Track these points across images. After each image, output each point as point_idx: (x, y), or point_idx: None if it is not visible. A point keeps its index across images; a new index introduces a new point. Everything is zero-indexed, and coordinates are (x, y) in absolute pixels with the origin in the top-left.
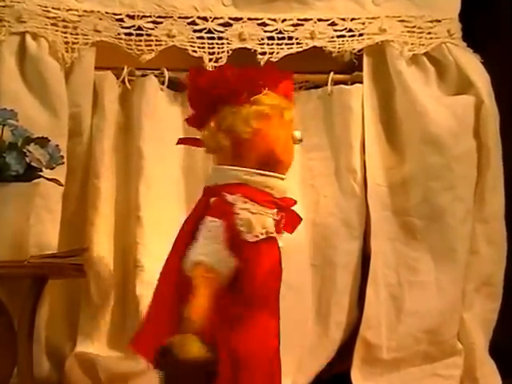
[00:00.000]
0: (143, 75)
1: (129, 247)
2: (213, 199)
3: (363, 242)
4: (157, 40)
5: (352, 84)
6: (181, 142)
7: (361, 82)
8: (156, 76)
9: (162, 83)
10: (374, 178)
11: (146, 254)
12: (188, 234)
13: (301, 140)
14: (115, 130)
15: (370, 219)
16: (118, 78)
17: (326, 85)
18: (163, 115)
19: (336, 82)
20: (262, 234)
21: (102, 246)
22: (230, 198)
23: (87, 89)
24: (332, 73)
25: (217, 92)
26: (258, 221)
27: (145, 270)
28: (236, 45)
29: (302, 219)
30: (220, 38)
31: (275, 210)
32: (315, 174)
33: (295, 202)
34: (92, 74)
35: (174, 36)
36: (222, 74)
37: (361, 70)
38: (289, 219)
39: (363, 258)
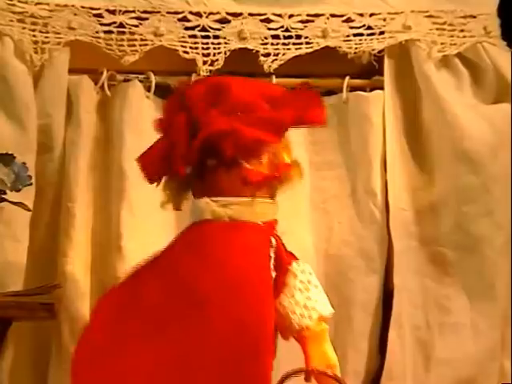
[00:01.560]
0: (126, 80)
1: (109, 283)
2: (273, 239)
3: (384, 277)
4: (142, 39)
5: (371, 90)
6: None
7: (381, 88)
8: (141, 81)
9: (148, 89)
10: (397, 201)
11: None
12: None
13: None
14: (93, 145)
15: (393, 250)
16: (95, 84)
17: (341, 91)
18: (149, 127)
19: (352, 88)
20: None
21: (77, 282)
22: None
23: (60, 96)
24: (348, 77)
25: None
26: None
27: None
28: (235, 45)
29: None
30: (216, 37)
31: None
32: (328, 196)
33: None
34: (65, 78)
35: (161, 34)
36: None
37: (381, 74)
38: None
39: (384, 295)
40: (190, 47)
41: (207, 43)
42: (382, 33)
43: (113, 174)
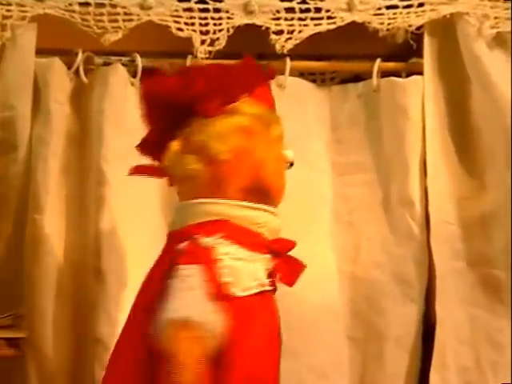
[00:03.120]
0: (106, 63)
1: (85, 313)
2: (183, 244)
3: (424, 306)
4: (125, 13)
5: (407, 76)
6: (134, 171)
7: (420, 73)
8: (125, 65)
9: (134, 74)
10: (440, 212)
11: (109, 322)
12: (152, 298)
13: (292, 164)
14: (65, 144)
15: (435, 273)
16: (69, 68)
17: (371, 77)
18: (134, 120)
19: (384, 73)
20: (253, 287)
21: (46, 312)
22: (206, 240)
23: (25, 83)
24: (379, 60)
25: (180, 100)
26: (247, 270)
27: (107, 345)
28: (240, 20)
29: (304, 267)
30: (217, 11)
31: (268, 256)
32: (354, 206)
33: (293, 245)
34: (32, 61)
35: (150, 7)
36: (185, 77)
37: (420, 55)
38: (286, 268)
39: (424, 328)
40: (185, 23)
41: (206, 18)
42: (421, 4)
43: (90, 179)
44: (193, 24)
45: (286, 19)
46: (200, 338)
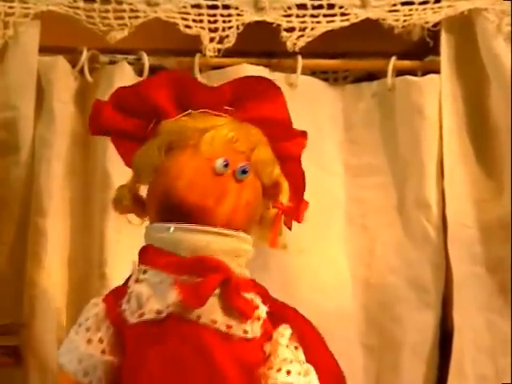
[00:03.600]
0: (111, 62)
1: None
2: None
3: (441, 313)
4: (132, 10)
5: (424, 74)
6: None
7: (437, 72)
8: (131, 63)
9: (140, 73)
10: (458, 215)
11: None
12: None
13: (226, 166)
14: (69, 145)
15: (452, 278)
16: (73, 67)
17: (386, 75)
18: None
19: (400, 72)
20: (157, 312)
21: (49, 319)
22: (133, 268)
23: (28, 82)
24: (394, 58)
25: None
26: (157, 294)
27: None
28: (250, 17)
29: (210, 291)
30: (226, 7)
31: (184, 277)
32: (368, 209)
33: (217, 264)
34: (35, 59)
35: (156, 4)
36: (94, 113)
37: (437, 53)
38: (191, 289)
39: (442, 336)
40: (194, 20)
41: (215, 15)
42: (437, 1)
43: (95, 181)
44: (201, 21)
45: (297, 16)
46: None
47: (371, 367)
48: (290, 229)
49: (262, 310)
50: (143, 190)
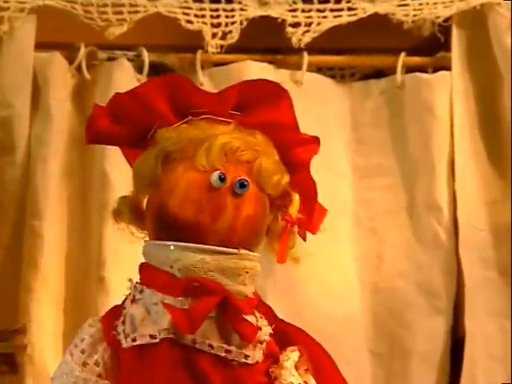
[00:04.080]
0: (110, 58)
1: None
2: None
3: (453, 319)
4: (131, 5)
5: (434, 71)
6: None
7: (448, 69)
8: (130, 60)
9: (140, 70)
10: (470, 217)
11: None
12: None
13: (222, 179)
14: (66, 144)
15: (464, 283)
16: (70, 63)
17: (395, 72)
18: None
19: (409, 69)
20: (151, 336)
21: (46, 324)
22: (130, 286)
23: (23, 79)
24: (403, 54)
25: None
26: (152, 316)
27: None
28: (254, 12)
29: (213, 304)
30: (229, 2)
31: (180, 299)
32: (377, 211)
33: (212, 285)
34: (31, 56)
35: None
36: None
37: (448, 49)
38: (183, 314)
39: (453, 343)
40: (195, 15)
41: (217, 10)
42: None
43: (93, 182)
44: (203, 16)
45: (303, 11)
46: None
47: (380, 375)
48: (304, 240)
49: (266, 332)
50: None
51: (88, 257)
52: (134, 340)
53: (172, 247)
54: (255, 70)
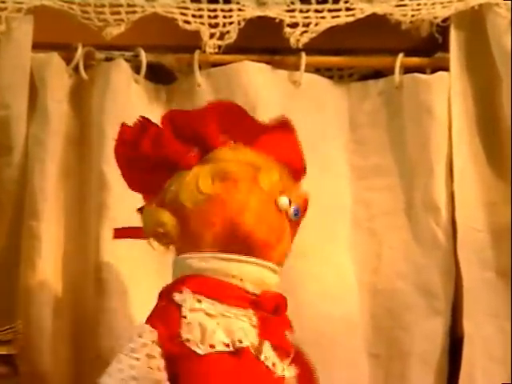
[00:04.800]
0: (108, 59)
1: (86, 327)
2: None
3: (451, 320)
4: (129, 5)
5: (432, 72)
6: (117, 235)
7: (446, 69)
8: (128, 60)
9: (137, 71)
10: (468, 218)
11: (110, 336)
12: None
13: (295, 211)
14: (64, 145)
15: (462, 284)
16: (68, 64)
17: (393, 73)
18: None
19: (408, 69)
20: (225, 344)
21: (44, 326)
22: (177, 297)
23: (20, 80)
24: (401, 54)
25: (155, 161)
26: (220, 326)
27: (108, 360)
28: (252, 12)
29: (289, 325)
30: (227, 2)
31: (250, 311)
32: (375, 212)
33: (281, 300)
34: (28, 56)
35: None
36: (152, 134)
37: (446, 50)
38: (268, 327)
39: (451, 344)
40: (193, 15)
41: (215, 10)
42: None
43: (90, 183)
44: (201, 16)
45: (301, 11)
46: None
47: (378, 377)
48: None
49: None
50: None
51: (85, 258)
52: (211, 347)
53: (246, 262)
54: (253, 70)
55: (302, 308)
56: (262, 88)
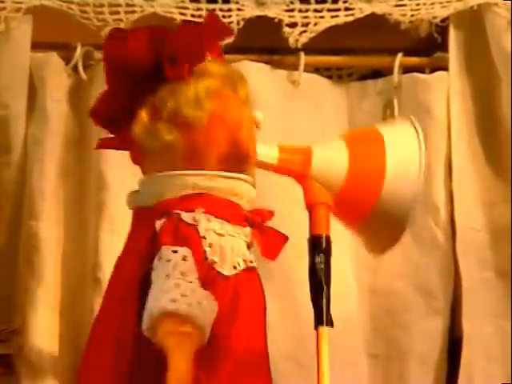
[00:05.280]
0: None
1: (83, 326)
2: (160, 222)
3: (450, 320)
4: (128, 5)
5: (431, 72)
6: (101, 145)
7: (445, 69)
8: None
9: None
10: (467, 218)
11: None
12: (131, 285)
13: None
14: (63, 145)
15: (461, 284)
16: (67, 63)
17: (392, 72)
18: None
19: (407, 69)
20: (240, 264)
21: (42, 326)
22: (187, 216)
23: (19, 80)
24: (400, 54)
25: (146, 64)
26: (232, 246)
27: None
28: (251, 12)
29: (285, 239)
30: (226, 2)
31: (248, 229)
32: None
33: (272, 215)
34: (27, 56)
35: None
36: (150, 38)
37: (445, 50)
38: (267, 240)
39: (450, 344)
40: (192, 15)
41: (214, 10)
42: None
43: (89, 183)
44: (200, 16)
45: (300, 11)
46: (189, 333)
47: (378, 377)
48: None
49: None
50: None
51: (84, 258)
52: (234, 268)
53: (245, 180)
54: (252, 70)
55: (301, 309)
56: (261, 87)
